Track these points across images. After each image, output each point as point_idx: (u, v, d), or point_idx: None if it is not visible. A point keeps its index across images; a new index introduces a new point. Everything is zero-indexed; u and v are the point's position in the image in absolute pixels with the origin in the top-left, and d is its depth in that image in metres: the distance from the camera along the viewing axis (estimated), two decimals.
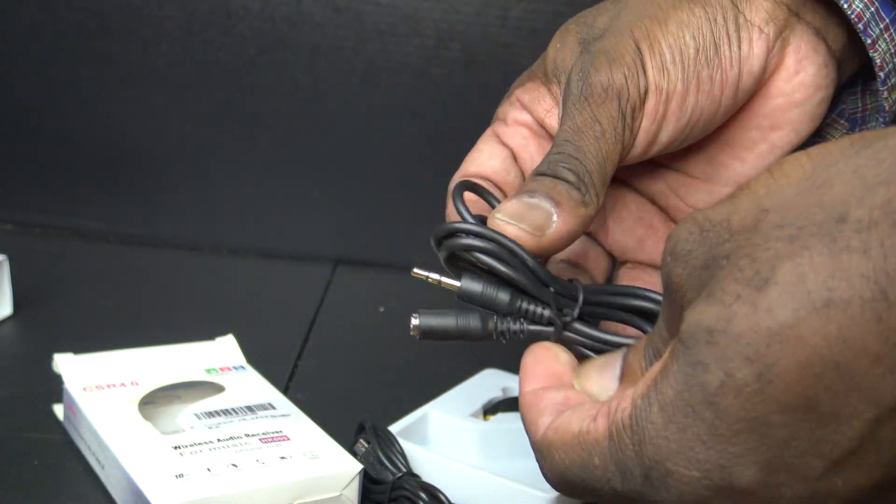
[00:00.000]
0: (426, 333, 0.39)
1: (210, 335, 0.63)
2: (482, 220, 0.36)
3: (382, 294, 0.82)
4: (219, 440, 0.48)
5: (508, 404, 0.57)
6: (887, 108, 0.37)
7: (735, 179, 0.38)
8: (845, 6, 0.35)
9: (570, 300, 0.35)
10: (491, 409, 0.57)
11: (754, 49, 0.36)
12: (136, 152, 0.88)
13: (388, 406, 0.57)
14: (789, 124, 0.37)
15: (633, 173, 0.41)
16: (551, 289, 0.35)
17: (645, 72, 0.35)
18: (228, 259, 0.88)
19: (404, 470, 0.48)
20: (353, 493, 0.47)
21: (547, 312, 0.35)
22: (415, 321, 0.39)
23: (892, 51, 0.36)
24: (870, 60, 0.36)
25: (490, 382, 0.60)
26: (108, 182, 0.89)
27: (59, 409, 0.54)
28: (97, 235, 0.89)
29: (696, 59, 0.35)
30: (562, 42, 0.40)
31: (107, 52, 0.85)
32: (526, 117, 0.41)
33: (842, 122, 0.40)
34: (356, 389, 0.64)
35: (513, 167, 0.41)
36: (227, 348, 0.59)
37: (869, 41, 0.35)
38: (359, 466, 0.47)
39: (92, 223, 0.89)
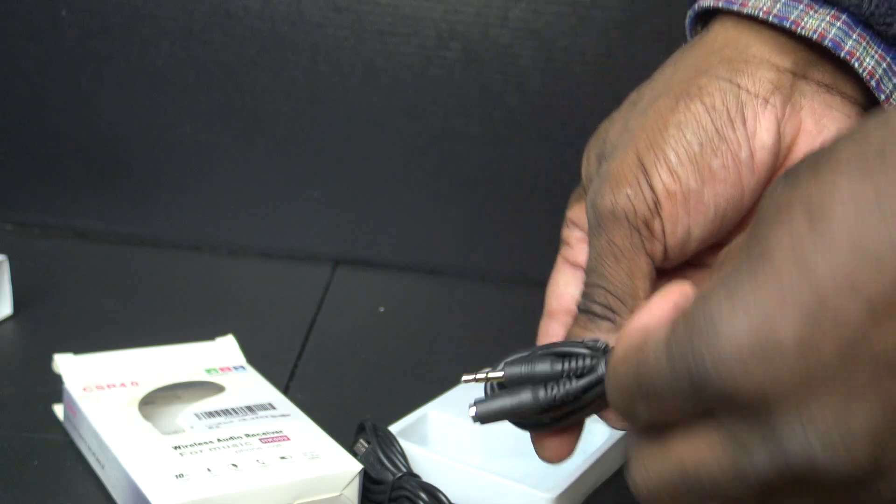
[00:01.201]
0: (486, 419, 0.38)
1: (210, 335, 0.63)
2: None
3: (382, 294, 0.82)
4: (219, 440, 0.48)
5: None
6: None
7: None
8: (856, 64, 0.35)
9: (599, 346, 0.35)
10: None
11: (762, 123, 0.36)
12: (136, 152, 0.88)
13: (388, 406, 0.57)
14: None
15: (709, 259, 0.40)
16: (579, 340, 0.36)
17: (651, 184, 0.35)
18: (228, 259, 0.88)
19: (404, 470, 0.48)
20: (353, 493, 0.47)
21: (587, 356, 0.34)
22: (472, 411, 0.38)
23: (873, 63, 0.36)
24: None
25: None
26: (108, 182, 0.89)
27: (59, 409, 0.54)
28: (97, 235, 0.89)
29: (703, 153, 0.35)
30: (587, 159, 0.41)
31: (107, 52, 0.85)
32: (582, 234, 0.41)
33: None
34: (356, 389, 0.64)
35: None
36: (227, 348, 0.59)
37: (883, 97, 0.35)
38: (359, 466, 0.47)
39: (92, 223, 0.89)
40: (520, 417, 0.37)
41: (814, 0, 0.36)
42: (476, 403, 0.38)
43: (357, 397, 0.62)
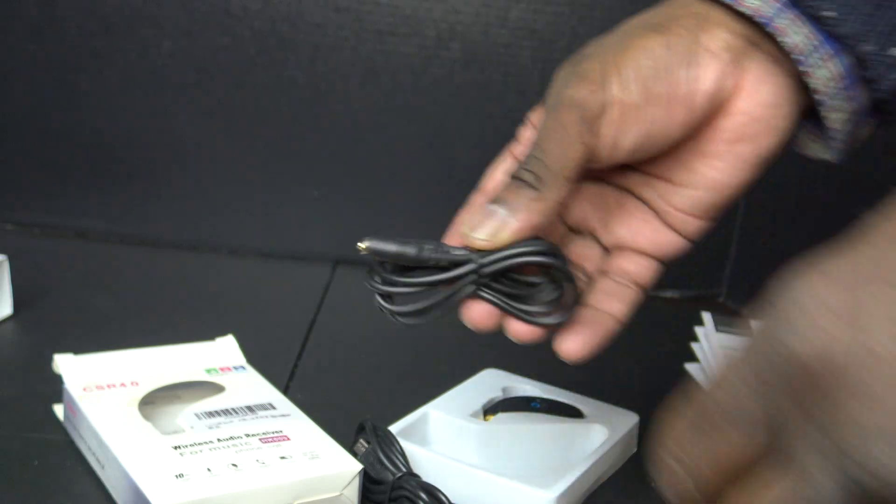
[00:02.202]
0: (372, 251, 0.48)
1: (210, 335, 0.63)
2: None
3: None
4: (219, 440, 0.48)
5: (508, 404, 0.58)
6: (838, 127, 0.42)
7: (709, 184, 0.44)
8: (781, 39, 0.40)
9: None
10: (491, 408, 0.57)
11: (707, 71, 0.41)
12: (136, 152, 0.88)
13: (388, 406, 0.57)
14: (752, 138, 0.42)
15: (629, 181, 0.46)
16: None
17: (606, 88, 0.41)
18: (228, 259, 0.88)
19: (404, 470, 0.48)
20: (353, 493, 0.47)
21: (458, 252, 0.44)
22: (363, 243, 0.48)
23: (833, 77, 0.41)
24: None
25: (490, 382, 0.60)
26: (108, 182, 0.89)
27: (59, 409, 0.54)
28: (97, 235, 0.89)
29: (653, 78, 0.41)
30: (557, 75, 0.45)
31: (107, 52, 0.85)
32: (534, 133, 0.45)
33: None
34: (356, 389, 0.64)
35: None
36: (227, 348, 0.59)
37: (802, 69, 0.40)
38: (359, 466, 0.47)
39: (92, 223, 0.89)
40: (398, 261, 0.46)
41: None
42: (367, 238, 0.46)
43: (357, 397, 0.62)
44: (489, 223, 0.41)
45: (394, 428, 0.52)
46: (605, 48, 0.42)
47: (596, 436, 0.56)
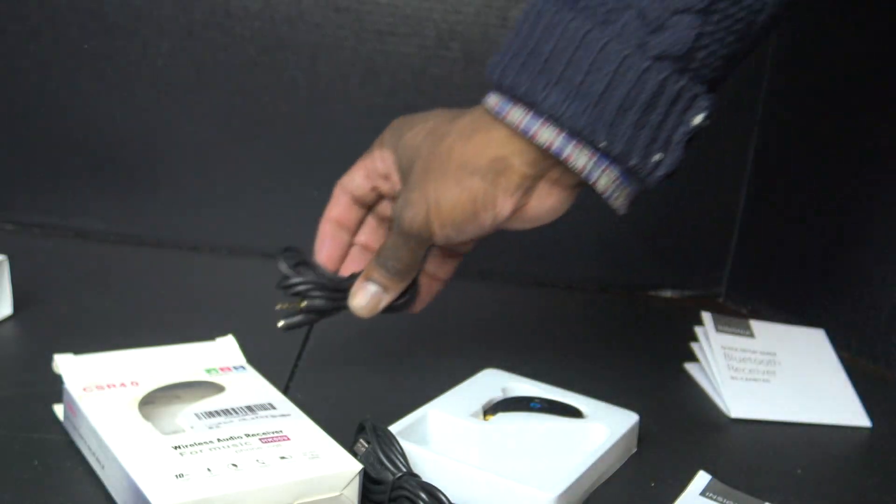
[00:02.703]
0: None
1: (210, 335, 0.63)
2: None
3: None
4: (219, 440, 0.48)
5: (508, 404, 0.58)
6: (619, 205, 0.55)
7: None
8: (571, 165, 0.53)
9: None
10: (491, 409, 0.57)
11: (504, 209, 0.55)
12: (137, 152, 0.88)
13: (388, 406, 0.57)
14: (538, 221, 0.57)
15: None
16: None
17: (431, 230, 0.57)
18: (228, 259, 0.88)
19: (404, 470, 0.48)
20: (353, 493, 0.47)
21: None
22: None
23: (612, 179, 0.53)
24: None
25: (490, 382, 0.60)
26: (108, 182, 0.89)
27: (59, 409, 0.54)
28: (97, 235, 0.89)
29: (464, 223, 0.56)
30: (387, 135, 0.63)
31: (107, 52, 0.85)
32: (383, 169, 0.64)
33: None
34: (356, 389, 0.64)
35: (369, 194, 0.65)
36: (227, 348, 0.59)
37: (592, 182, 0.53)
38: (359, 466, 0.47)
39: (92, 223, 0.89)
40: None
41: (547, 119, 0.52)
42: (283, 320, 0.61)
43: (357, 397, 0.62)
44: (370, 301, 0.61)
45: (394, 428, 0.52)
46: (427, 184, 0.56)
47: (596, 435, 0.56)
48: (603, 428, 0.56)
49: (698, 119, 0.52)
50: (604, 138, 0.51)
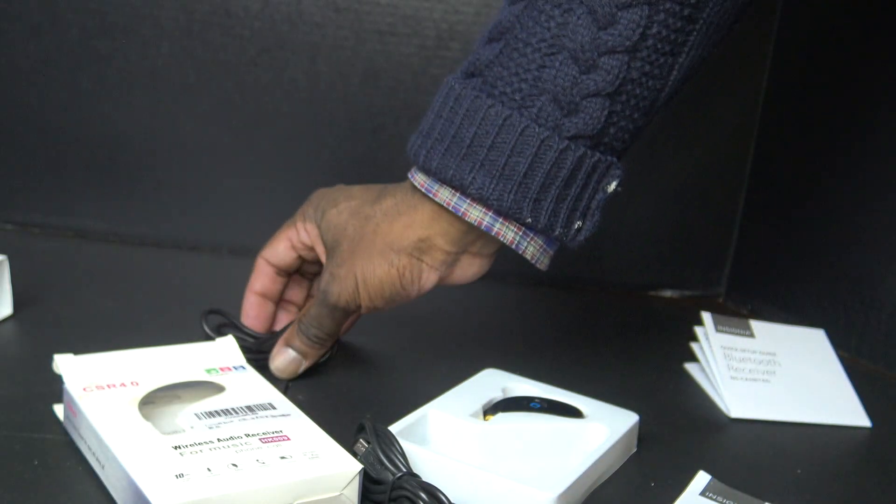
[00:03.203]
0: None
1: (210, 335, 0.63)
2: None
3: None
4: (219, 440, 0.48)
5: (508, 404, 0.58)
6: (543, 266, 0.59)
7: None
8: (501, 238, 0.56)
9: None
10: (491, 409, 0.57)
11: (430, 280, 0.60)
12: (136, 152, 0.88)
13: (388, 406, 0.57)
14: (463, 283, 0.61)
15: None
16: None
17: (359, 303, 0.61)
18: (228, 259, 0.88)
19: (404, 470, 0.48)
20: (353, 493, 0.47)
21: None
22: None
23: (538, 247, 0.57)
24: None
25: (490, 382, 0.60)
26: (109, 182, 0.89)
27: (59, 409, 0.54)
28: (97, 235, 0.89)
29: (392, 296, 0.60)
30: (308, 209, 0.66)
31: (107, 52, 0.85)
32: (308, 240, 0.66)
33: None
34: (356, 389, 0.64)
35: (293, 263, 0.67)
36: (227, 348, 0.60)
37: (521, 251, 0.57)
38: (359, 466, 0.47)
39: (92, 223, 0.89)
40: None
41: (474, 199, 0.55)
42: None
43: (357, 397, 0.62)
44: (290, 366, 0.63)
45: (394, 428, 0.52)
46: (353, 261, 0.60)
47: (596, 435, 0.56)
48: (603, 428, 0.56)
49: (612, 186, 0.56)
50: (528, 215, 0.55)
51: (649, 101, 0.55)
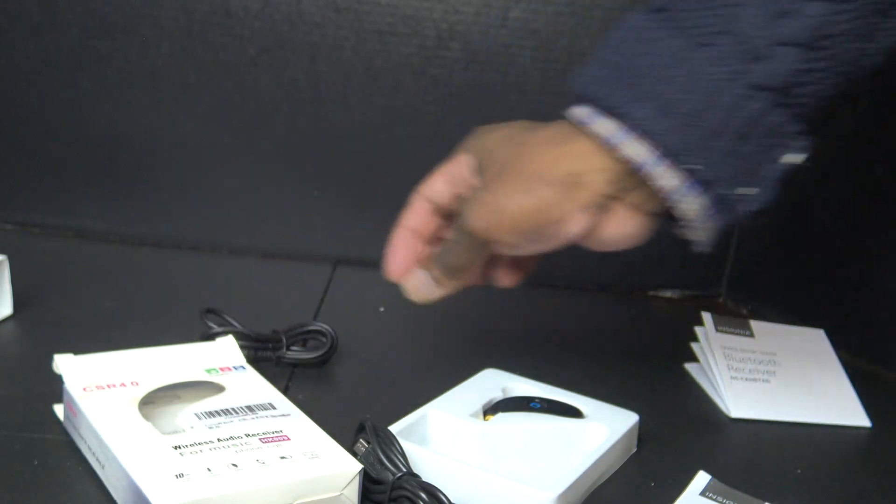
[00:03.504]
0: None
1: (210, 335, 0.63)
2: None
3: (382, 294, 0.82)
4: (219, 440, 0.48)
5: (508, 404, 0.58)
6: (701, 238, 0.54)
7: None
8: (662, 184, 0.51)
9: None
10: (491, 409, 0.57)
11: (575, 224, 0.53)
12: (136, 152, 0.88)
13: (388, 406, 0.57)
14: (615, 246, 0.56)
15: None
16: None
17: (495, 230, 0.55)
18: (228, 259, 0.88)
19: (404, 470, 0.48)
20: (353, 493, 0.47)
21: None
22: None
23: (700, 207, 0.51)
24: None
25: (490, 382, 0.60)
26: (109, 182, 0.89)
27: (59, 409, 0.54)
28: (97, 235, 0.89)
29: (538, 232, 0.54)
30: (473, 142, 0.60)
31: (107, 52, 0.85)
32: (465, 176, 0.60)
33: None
34: (356, 389, 0.64)
35: (451, 201, 0.61)
36: (227, 348, 0.60)
37: (679, 206, 0.51)
38: (359, 466, 0.47)
39: (92, 223, 0.89)
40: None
41: (639, 135, 0.50)
42: None
43: (357, 397, 0.62)
44: (424, 288, 0.60)
45: (394, 428, 0.52)
46: (499, 179, 0.55)
47: (596, 435, 0.56)
48: (603, 428, 0.56)
49: (793, 158, 0.51)
50: (697, 160, 0.49)
51: (850, 66, 0.49)
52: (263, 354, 0.64)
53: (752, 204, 0.51)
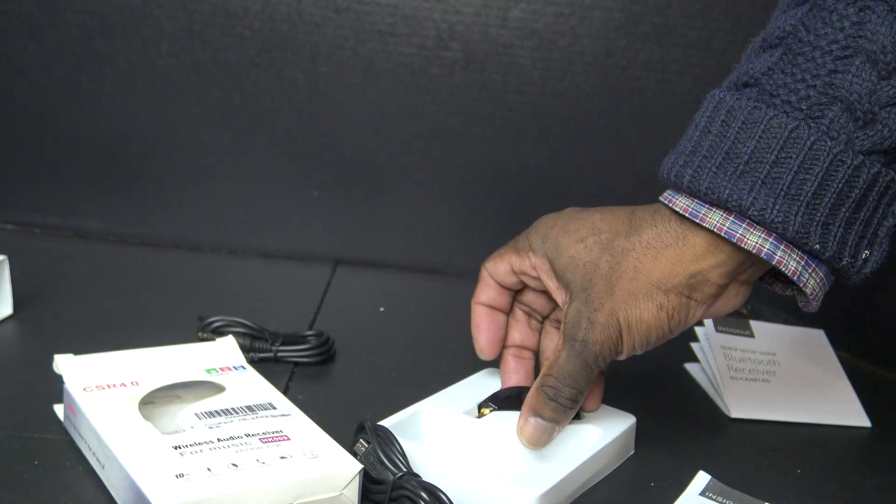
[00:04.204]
0: None
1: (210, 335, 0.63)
2: None
3: (382, 294, 0.82)
4: (219, 440, 0.48)
5: (506, 400, 0.57)
6: (816, 304, 0.52)
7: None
8: (784, 269, 0.49)
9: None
10: (484, 402, 0.57)
11: (695, 318, 0.53)
12: (136, 152, 0.88)
13: (388, 406, 0.57)
14: (716, 317, 0.57)
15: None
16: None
17: (619, 351, 0.53)
18: (228, 259, 0.88)
19: (405, 469, 0.48)
20: (353, 493, 0.47)
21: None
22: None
23: (819, 280, 0.51)
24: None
25: (488, 381, 0.61)
26: (108, 182, 0.89)
27: (59, 409, 0.54)
28: (97, 235, 0.89)
29: (658, 338, 0.53)
30: (534, 233, 0.57)
31: (107, 52, 0.85)
32: (533, 273, 0.58)
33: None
34: (356, 389, 0.64)
35: (515, 284, 0.59)
36: (227, 348, 0.60)
37: (801, 284, 0.50)
38: (359, 466, 0.47)
39: (92, 223, 0.89)
40: None
41: (753, 223, 0.49)
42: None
43: (357, 397, 0.62)
44: (543, 436, 0.53)
45: (386, 422, 0.52)
46: (613, 294, 0.52)
47: (589, 436, 0.56)
48: (597, 429, 0.56)
49: None
50: (816, 241, 0.48)
51: None
52: (259, 346, 0.64)
53: (869, 266, 0.50)
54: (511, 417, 0.55)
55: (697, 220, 0.50)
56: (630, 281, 0.52)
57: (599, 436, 0.55)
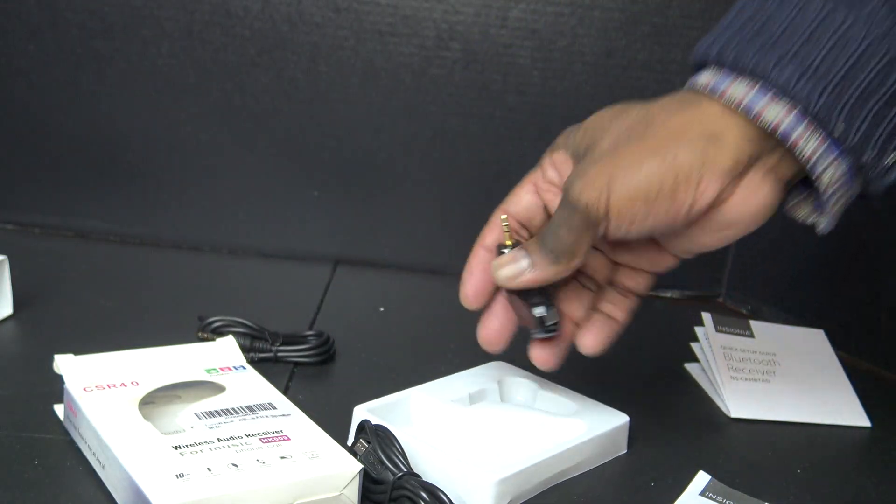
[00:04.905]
0: None
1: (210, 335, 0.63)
2: None
3: (382, 294, 0.82)
4: (219, 440, 0.48)
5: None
6: (833, 212, 0.49)
7: (697, 247, 0.53)
8: (798, 153, 0.47)
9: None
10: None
11: (708, 192, 0.48)
12: (137, 152, 0.88)
13: None
14: (739, 225, 0.50)
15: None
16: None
17: (609, 201, 0.48)
18: (228, 259, 0.88)
19: (405, 469, 0.48)
20: (353, 493, 0.47)
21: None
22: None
23: (838, 175, 0.47)
24: None
25: (491, 372, 0.62)
26: (109, 182, 0.89)
27: (59, 409, 0.54)
28: (97, 235, 0.89)
29: (658, 198, 0.48)
30: (576, 131, 0.53)
31: (107, 52, 0.85)
32: (556, 178, 0.55)
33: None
34: (356, 389, 0.63)
35: (538, 214, 0.56)
36: (227, 348, 0.60)
37: (814, 175, 0.47)
38: (359, 466, 0.47)
39: (92, 223, 0.89)
40: None
41: (775, 95, 0.46)
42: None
43: (357, 397, 0.62)
44: (511, 269, 0.51)
45: (367, 405, 0.54)
46: (615, 149, 0.49)
47: (571, 431, 0.56)
48: (581, 425, 0.56)
49: None
50: (841, 121, 0.46)
51: None
52: (259, 346, 0.64)
53: (894, 173, 0.48)
54: (497, 408, 0.56)
55: (717, 93, 0.48)
56: (638, 136, 0.49)
57: (582, 430, 0.55)
